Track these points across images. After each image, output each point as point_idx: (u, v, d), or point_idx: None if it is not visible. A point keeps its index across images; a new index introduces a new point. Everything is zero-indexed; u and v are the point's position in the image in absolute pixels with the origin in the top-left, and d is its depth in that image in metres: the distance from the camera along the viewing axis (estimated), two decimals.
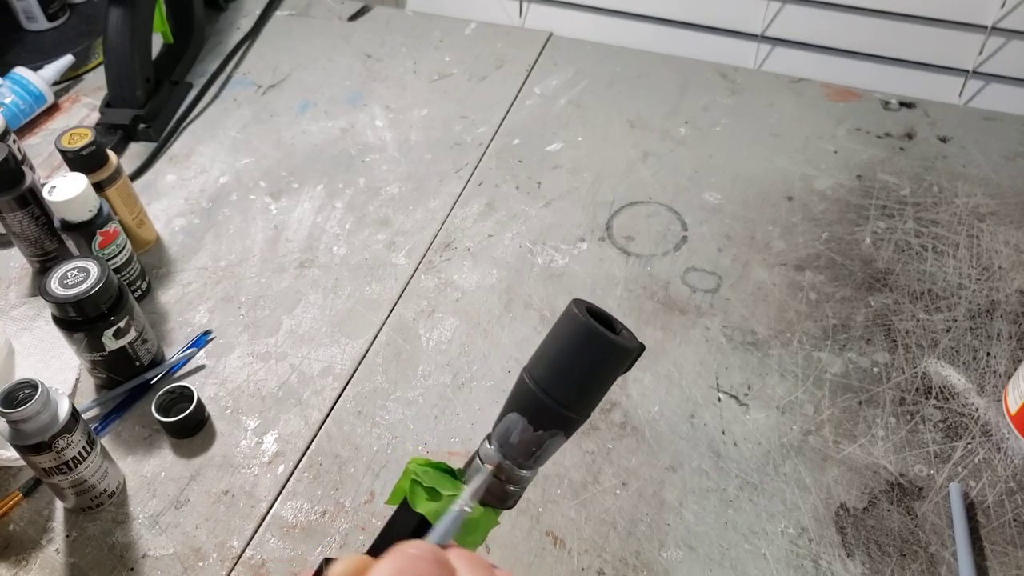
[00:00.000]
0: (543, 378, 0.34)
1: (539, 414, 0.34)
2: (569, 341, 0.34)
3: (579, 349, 0.33)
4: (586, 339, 0.33)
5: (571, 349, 0.34)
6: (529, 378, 0.34)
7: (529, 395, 0.34)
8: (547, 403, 0.34)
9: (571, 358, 0.34)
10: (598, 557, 0.57)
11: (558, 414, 0.34)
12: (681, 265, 0.76)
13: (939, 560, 0.56)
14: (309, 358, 0.70)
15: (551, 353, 0.34)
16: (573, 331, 0.34)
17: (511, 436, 0.35)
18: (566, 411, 0.34)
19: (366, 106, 0.95)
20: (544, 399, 0.34)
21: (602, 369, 0.34)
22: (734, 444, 0.63)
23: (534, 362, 0.35)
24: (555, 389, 0.34)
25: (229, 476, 0.62)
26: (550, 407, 0.34)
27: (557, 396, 0.34)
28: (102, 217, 0.68)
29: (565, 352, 0.34)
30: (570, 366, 0.34)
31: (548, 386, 0.34)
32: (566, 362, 0.34)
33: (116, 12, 0.87)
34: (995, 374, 0.66)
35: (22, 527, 0.60)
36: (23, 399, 0.53)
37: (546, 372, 0.34)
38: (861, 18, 0.91)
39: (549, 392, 0.34)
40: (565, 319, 0.34)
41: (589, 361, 0.33)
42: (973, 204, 0.80)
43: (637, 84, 0.96)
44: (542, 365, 0.34)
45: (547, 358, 0.34)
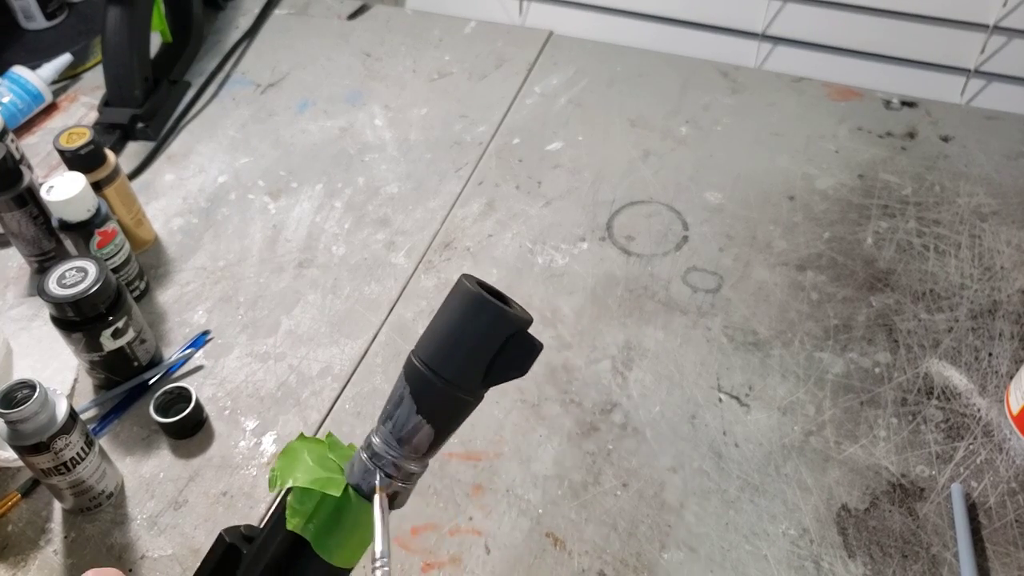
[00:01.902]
0: (431, 356, 0.32)
1: (429, 397, 0.32)
2: (454, 312, 0.32)
3: (463, 319, 0.31)
4: (456, 295, 0.31)
5: (456, 320, 0.31)
6: (416, 358, 0.32)
7: (417, 376, 0.32)
8: (435, 383, 0.32)
9: (457, 330, 0.31)
10: (599, 558, 0.57)
11: (447, 394, 0.32)
12: (682, 265, 0.76)
13: (941, 561, 0.56)
14: (308, 358, 0.70)
15: (437, 328, 0.32)
16: (458, 301, 0.31)
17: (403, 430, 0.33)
18: (456, 391, 0.32)
19: (365, 105, 0.95)
20: (432, 379, 0.32)
21: (489, 339, 0.31)
22: (735, 445, 0.62)
23: (421, 341, 0.33)
24: (443, 367, 0.32)
25: (228, 477, 0.62)
26: (438, 387, 0.32)
27: (446, 374, 0.32)
28: (100, 217, 0.68)
29: (451, 325, 0.32)
30: (457, 339, 0.31)
31: (436, 364, 0.32)
32: (453, 335, 0.32)
33: (114, 11, 0.87)
34: (997, 374, 0.66)
35: (20, 528, 0.60)
36: (21, 399, 0.53)
37: (433, 349, 0.32)
38: (863, 17, 0.91)
39: (437, 370, 0.32)
40: (452, 292, 0.32)
41: (474, 331, 0.31)
42: (975, 204, 0.80)
43: (638, 83, 0.96)
44: (429, 343, 0.32)
45: (434, 334, 0.32)
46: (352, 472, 0.34)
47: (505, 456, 0.62)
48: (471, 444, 0.63)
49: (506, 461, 0.62)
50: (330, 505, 0.33)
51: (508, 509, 0.59)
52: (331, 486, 0.33)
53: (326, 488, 0.33)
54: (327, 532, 0.33)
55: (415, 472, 0.34)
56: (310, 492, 0.33)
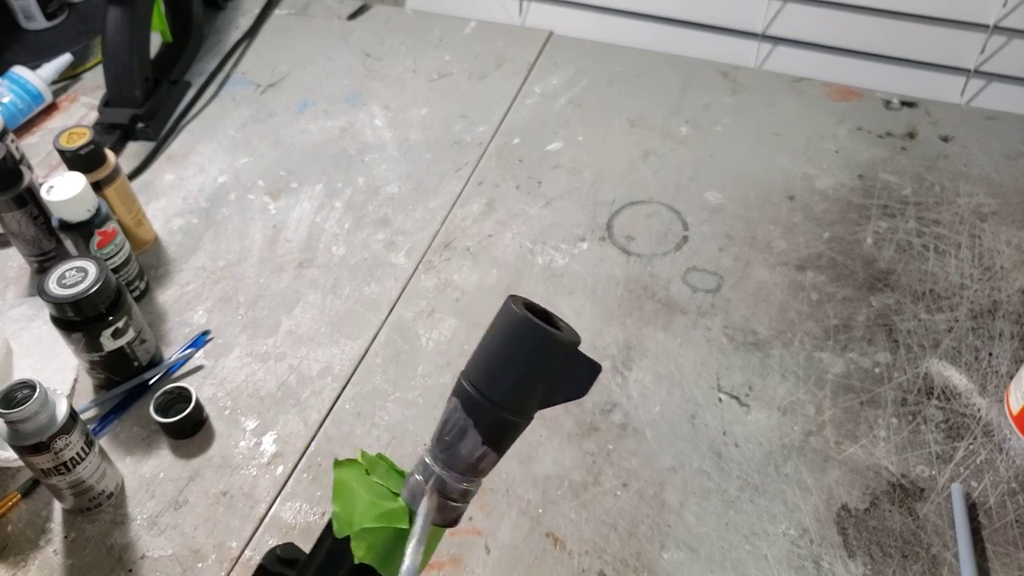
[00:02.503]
0: (483, 380, 0.32)
1: (491, 426, 0.32)
2: (497, 328, 0.32)
3: (503, 335, 0.31)
4: (509, 323, 0.31)
5: (497, 336, 0.32)
6: (468, 384, 0.32)
7: (478, 409, 0.32)
8: (490, 408, 0.32)
9: (496, 345, 0.31)
10: (599, 558, 0.57)
11: (501, 418, 0.32)
12: (682, 265, 0.76)
13: (941, 561, 0.56)
14: (308, 358, 0.70)
15: (487, 352, 0.32)
16: (500, 316, 0.31)
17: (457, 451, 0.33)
18: (506, 413, 0.32)
19: (365, 105, 0.95)
20: (483, 402, 0.32)
21: (530, 357, 0.31)
22: (735, 445, 0.62)
23: (470, 366, 0.33)
24: (495, 390, 0.32)
25: (228, 477, 0.62)
26: (494, 412, 0.32)
27: (495, 397, 0.32)
28: (100, 217, 0.68)
29: (492, 340, 0.32)
30: (506, 363, 0.31)
31: (486, 388, 0.32)
32: (502, 359, 0.32)
33: (114, 11, 0.87)
34: (997, 374, 0.66)
35: (20, 528, 0.60)
36: (21, 399, 0.53)
37: (484, 374, 0.32)
38: (862, 17, 0.91)
39: (487, 394, 0.32)
40: (499, 315, 0.32)
41: (514, 347, 0.31)
42: (975, 204, 0.80)
43: (638, 83, 0.96)
44: (479, 367, 0.32)
45: (484, 359, 0.32)
46: (413, 499, 0.34)
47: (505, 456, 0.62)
48: None
49: (506, 461, 0.62)
50: (392, 533, 0.34)
51: (508, 509, 0.59)
52: (396, 519, 0.34)
53: (393, 522, 0.34)
54: (392, 557, 0.34)
55: (473, 492, 0.35)
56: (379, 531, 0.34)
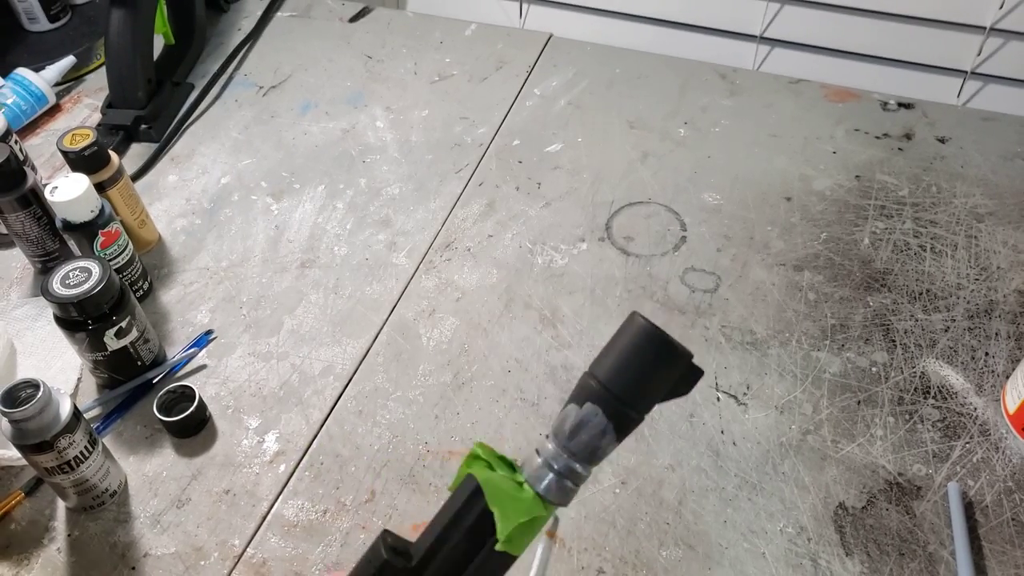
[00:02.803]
0: (607, 377, 0.37)
1: (623, 424, 0.37)
2: (630, 341, 0.37)
3: (638, 347, 0.37)
4: (645, 338, 0.37)
5: (631, 348, 0.37)
6: (592, 378, 0.37)
7: (593, 393, 0.37)
8: (611, 401, 0.37)
9: (631, 356, 0.37)
10: (597, 556, 0.57)
11: (621, 412, 0.37)
12: (680, 265, 0.76)
13: (937, 559, 0.56)
14: (310, 358, 0.70)
15: (613, 354, 0.37)
16: (633, 332, 0.37)
17: (581, 432, 0.37)
18: (629, 409, 0.37)
19: (367, 107, 0.96)
20: (610, 398, 0.37)
21: (660, 367, 0.37)
22: (733, 443, 0.63)
23: (596, 363, 0.38)
24: (618, 386, 0.37)
25: (230, 475, 0.63)
26: (632, 416, 0.37)
27: (621, 393, 0.37)
28: (104, 217, 0.69)
29: (626, 351, 0.37)
30: (630, 364, 0.37)
31: (611, 383, 0.37)
32: (626, 360, 0.37)
33: (118, 13, 0.87)
34: (993, 374, 0.66)
35: (24, 526, 0.60)
36: (25, 399, 0.53)
37: (609, 370, 0.37)
38: (860, 19, 0.91)
39: (611, 389, 0.37)
40: (626, 325, 0.38)
41: (649, 359, 0.37)
42: (971, 204, 0.80)
43: (637, 85, 0.96)
44: (605, 365, 0.37)
45: (610, 358, 0.37)
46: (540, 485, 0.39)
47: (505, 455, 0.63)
48: (472, 443, 0.64)
49: None
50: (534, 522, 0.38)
51: None
52: (535, 508, 0.38)
53: (533, 513, 0.38)
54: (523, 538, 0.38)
55: (587, 476, 0.39)
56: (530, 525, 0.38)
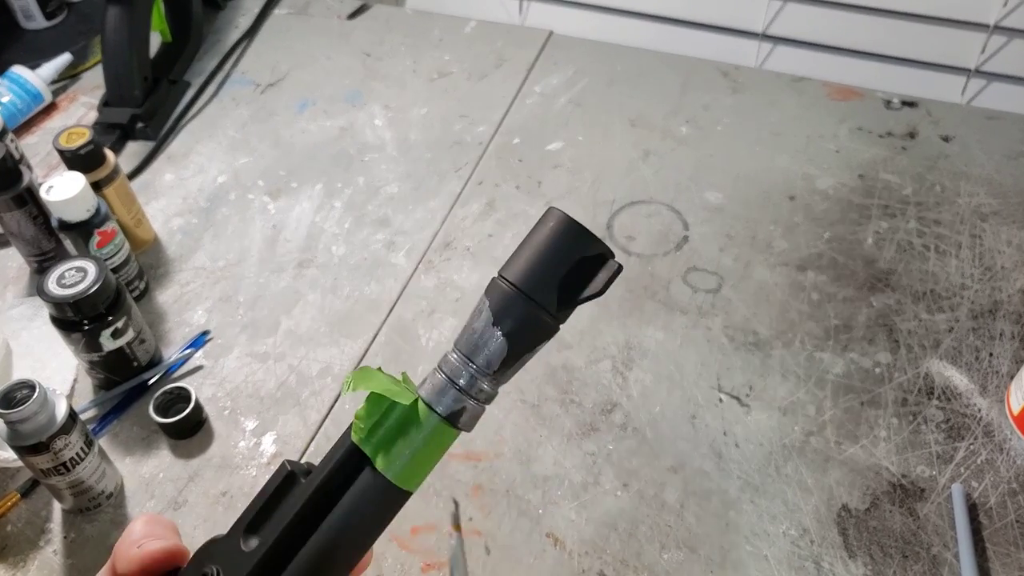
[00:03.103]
0: (519, 278, 0.32)
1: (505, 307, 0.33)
2: (537, 231, 0.33)
3: (545, 235, 0.32)
4: (562, 230, 0.32)
5: (537, 236, 0.32)
6: (503, 280, 0.33)
7: (504, 297, 0.33)
8: (510, 292, 0.32)
9: (537, 244, 0.32)
10: (599, 559, 0.57)
11: (522, 306, 0.32)
12: (682, 265, 0.76)
13: (941, 561, 0.56)
14: (308, 358, 0.70)
15: (526, 252, 0.33)
16: (549, 225, 0.32)
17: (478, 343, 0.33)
18: (532, 305, 0.32)
19: (365, 105, 0.95)
20: (508, 288, 0.32)
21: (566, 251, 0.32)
22: (735, 445, 0.62)
23: (508, 264, 0.33)
24: (533, 287, 0.32)
25: (227, 477, 0.62)
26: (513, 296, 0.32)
27: (523, 285, 0.32)
28: (100, 216, 0.68)
29: (532, 241, 0.33)
30: (535, 252, 0.32)
31: (525, 285, 0.32)
32: (531, 249, 0.32)
33: (114, 11, 0.87)
34: (998, 374, 0.66)
35: (20, 528, 0.60)
36: (21, 399, 0.53)
37: (522, 271, 0.32)
38: (863, 17, 0.91)
39: (514, 282, 0.32)
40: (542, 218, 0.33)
41: (552, 244, 0.32)
42: (975, 204, 0.80)
43: (638, 83, 0.96)
44: (517, 265, 0.33)
45: (522, 257, 0.33)
46: (424, 385, 0.34)
47: (505, 456, 0.62)
48: (471, 444, 0.63)
49: (506, 461, 0.62)
50: (399, 416, 0.33)
51: (508, 510, 0.59)
52: (402, 396, 0.33)
53: (397, 397, 0.33)
54: (390, 444, 0.33)
55: (485, 391, 0.34)
56: (379, 401, 0.33)
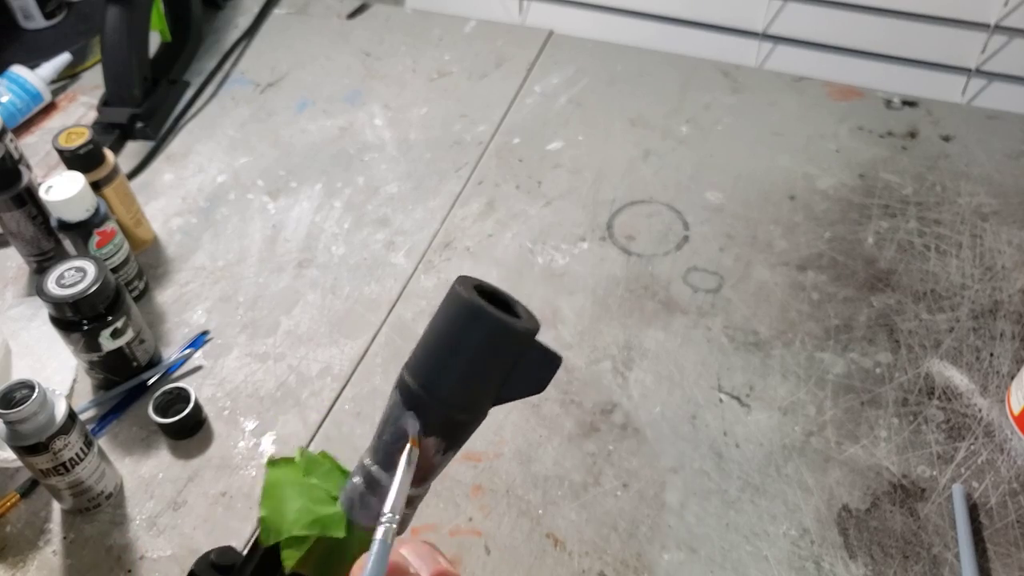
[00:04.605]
0: (423, 374, 0.28)
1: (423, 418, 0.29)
2: (449, 324, 0.28)
3: (461, 333, 0.27)
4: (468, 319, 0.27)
5: (452, 334, 0.28)
6: (409, 375, 0.29)
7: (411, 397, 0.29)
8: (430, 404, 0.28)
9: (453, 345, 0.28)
10: (599, 559, 0.56)
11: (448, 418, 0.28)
12: (683, 265, 0.75)
13: (942, 562, 0.55)
14: (307, 359, 0.70)
15: (431, 343, 0.28)
16: (453, 311, 0.28)
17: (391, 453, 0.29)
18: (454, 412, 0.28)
19: (365, 105, 0.95)
20: (426, 399, 0.28)
21: (487, 355, 0.28)
22: (736, 445, 0.62)
23: (413, 358, 0.29)
24: (437, 386, 0.28)
25: (227, 477, 0.62)
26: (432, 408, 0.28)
27: (441, 394, 0.28)
28: (99, 216, 0.68)
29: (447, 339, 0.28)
30: (452, 356, 0.28)
31: (429, 383, 0.28)
32: (448, 351, 0.28)
33: (113, 10, 0.87)
34: (998, 375, 0.66)
35: (19, 528, 0.60)
36: (20, 400, 0.53)
37: (426, 366, 0.28)
38: (864, 16, 0.91)
39: (431, 389, 0.28)
40: (446, 299, 0.28)
41: (474, 346, 0.27)
42: (976, 203, 0.80)
43: (638, 82, 0.96)
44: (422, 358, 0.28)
45: (427, 349, 0.28)
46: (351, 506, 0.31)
47: (505, 456, 0.62)
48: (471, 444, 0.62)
49: (506, 461, 0.62)
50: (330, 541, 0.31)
51: (508, 509, 0.59)
52: (331, 526, 0.30)
53: (328, 531, 0.30)
54: (328, 567, 0.31)
55: (417, 496, 0.31)
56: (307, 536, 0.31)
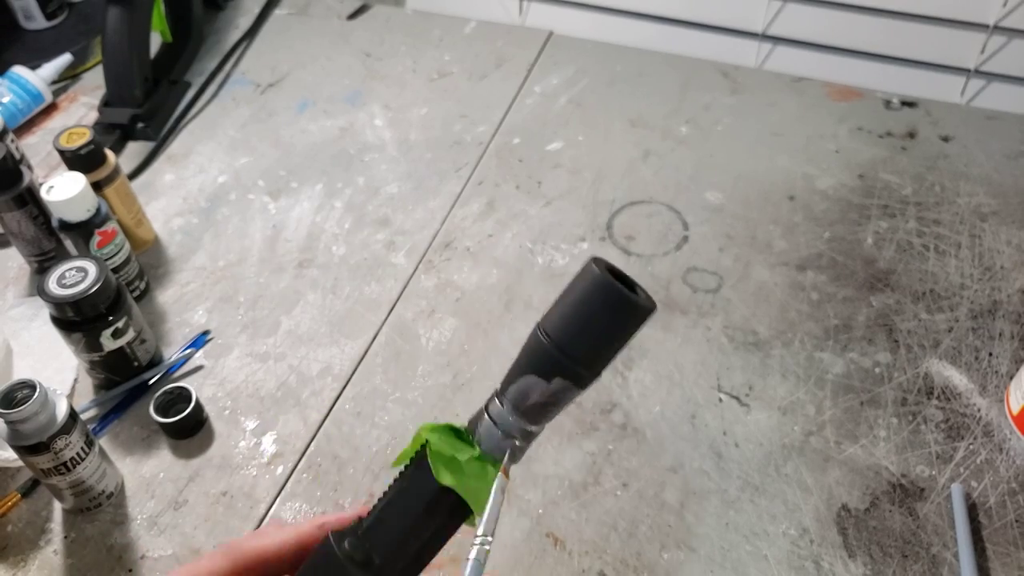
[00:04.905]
0: (558, 335, 0.34)
1: (553, 371, 0.34)
2: (586, 296, 0.33)
3: (596, 305, 0.33)
4: (604, 295, 0.33)
5: (588, 305, 0.33)
6: (543, 334, 0.34)
7: (544, 352, 0.34)
8: (563, 361, 0.34)
9: (587, 314, 0.33)
10: (599, 558, 0.57)
11: (574, 372, 0.34)
12: (682, 265, 0.76)
13: (941, 561, 0.56)
14: (308, 358, 0.70)
15: (567, 309, 0.34)
16: (591, 286, 0.33)
17: (529, 398, 0.35)
18: (582, 369, 0.34)
19: (365, 105, 0.95)
20: (560, 357, 0.34)
21: (618, 326, 0.34)
22: (735, 445, 0.62)
23: (548, 318, 0.34)
24: (571, 346, 0.33)
25: (228, 477, 0.62)
26: (566, 365, 0.34)
27: (574, 353, 0.33)
28: (100, 217, 0.68)
29: (581, 308, 0.33)
30: (586, 322, 0.33)
31: (564, 343, 0.33)
32: (582, 318, 0.33)
33: (114, 11, 0.87)
34: (997, 374, 0.66)
35: (20, 528, 0.60)
36: (21, 399, 0.53)
37: (561, 328, 0.34)
38: (863, 17, 0.91)
39: (565, 349, 0.33)
40: (584, 274, 0.34)
41: (606, 317, 0.33)
42: (975, 204, 0.80)
43: (638, 83, 0.96)
44: (557, 320, 0.34)
45: (562, 314, 0.34)
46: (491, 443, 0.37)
47: None
48: None
49: None
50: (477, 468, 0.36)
51: (508, 509, 0.59)
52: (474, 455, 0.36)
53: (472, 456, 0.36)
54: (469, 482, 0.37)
55: (535, 432, 0.37)
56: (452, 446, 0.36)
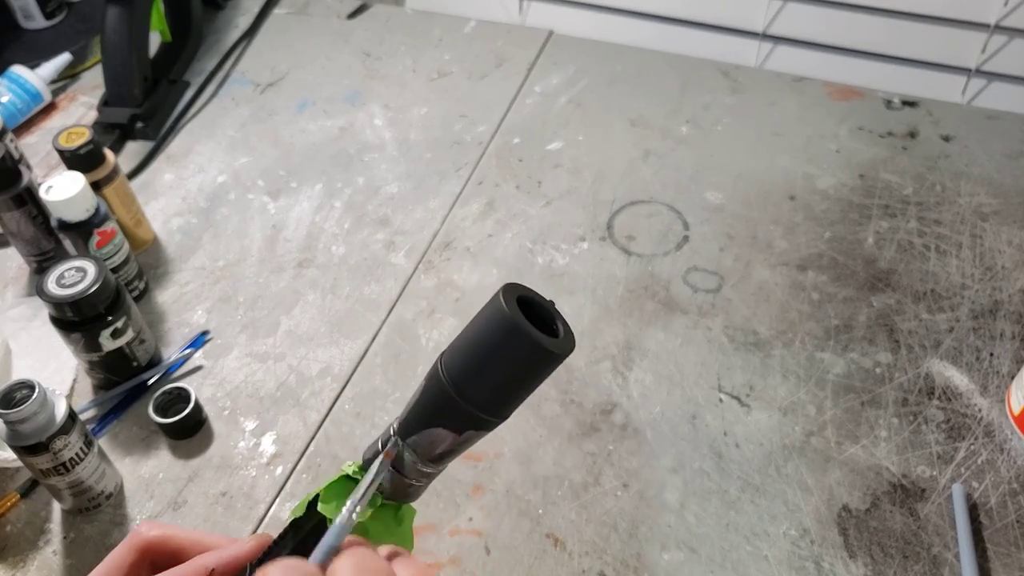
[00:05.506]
0: (471, 390, 0.30)
1: (465, 425, 0.31)
2: (497, 343, 0.29)
3: (507, 352, 0.29)
4: (515, 342, 0.29)
5: (498, 351, 0.29)
6: (450, 382, 0.31)
7: (454, 407, 0.31)
8: (477, 415, 0.31)
9: (499, 363, 0.30)
10: (599, 559, 0.56)
11: (487, 423, 0.31)
12: (683, 265, 0.75)
13: (942, 562, 0.55)
14: (307, 359, 0.70)
15: (477, 355, 0.30)
16: (501, 332, 0.29)
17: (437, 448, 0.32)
18: (496, 419, 0.31)
19: (365, 105, 0.95)
20: (472, 411, 0.31)
21: (533, 375, 0.30)
22: (736, 445, 0.62)
23: (455, 362, 0.31)
24: (487, 401, 0.30)
25: (227, 477, 0.62)
26: (480, 419, 0.31)
27: (489, 408, 0.31)
28: (99, 216, 0.68)
29: (493, 355, 0.30)
30: (499, 373, 0.30)
31: (477, 399, 0.30)
32: (495, 368, 0.30)
33: (114, 10, 0.87)
34: (998, 374, 0.66)
35: (19, 528, 0.60)
36: (20, 400, 0.53)
37: (474, 381, 0.30)
38: (863, 16, 0.91)
39: (479, 405, 0.30)
40: (493, 315, 0.30)
41: (519, 368, 0.30)
42: (976, 203, 0.80)
43: (638, 83, 0.96)
44: (466, 367, 0.30)
45: (471, 360, 0.30)
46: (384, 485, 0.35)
47: (505, 456, 0.62)
48: None
49: (506, 461, 0.62)
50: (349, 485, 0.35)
51: (508, 510, 0.59)
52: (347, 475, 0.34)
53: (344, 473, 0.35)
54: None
55: (434, 475, 0.35)
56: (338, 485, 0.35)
